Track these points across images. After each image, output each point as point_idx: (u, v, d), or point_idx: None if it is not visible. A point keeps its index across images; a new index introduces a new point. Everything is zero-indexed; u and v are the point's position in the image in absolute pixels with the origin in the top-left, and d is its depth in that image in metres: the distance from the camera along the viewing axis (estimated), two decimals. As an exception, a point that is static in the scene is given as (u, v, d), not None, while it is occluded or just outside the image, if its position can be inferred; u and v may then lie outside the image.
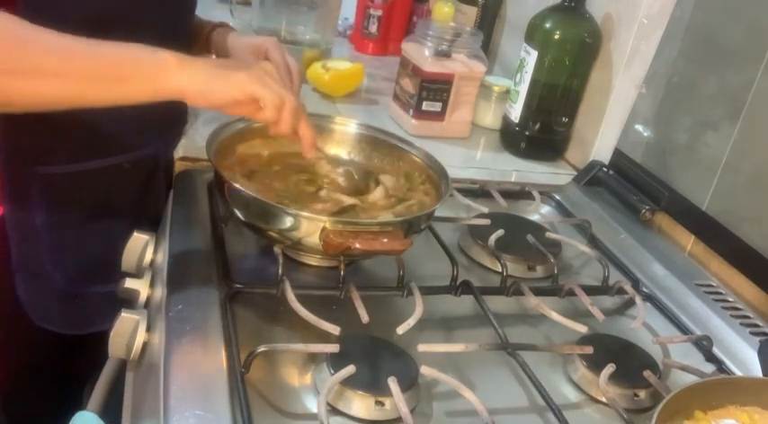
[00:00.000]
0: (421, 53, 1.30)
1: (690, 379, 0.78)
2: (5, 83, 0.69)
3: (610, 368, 0.76)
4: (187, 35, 1.07)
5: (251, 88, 0.74)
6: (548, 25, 1.24)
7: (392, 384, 0.68)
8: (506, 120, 1.35)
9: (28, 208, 0.94)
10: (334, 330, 0.73)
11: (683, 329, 0.90)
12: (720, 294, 0.98)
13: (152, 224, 1.00)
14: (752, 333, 0.90)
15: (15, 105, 0.72)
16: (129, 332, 0.81)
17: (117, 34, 0.73)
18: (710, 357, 0.85)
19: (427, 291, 0.85)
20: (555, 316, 0.84)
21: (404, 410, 0.65)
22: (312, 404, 0.69)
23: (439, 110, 1.31)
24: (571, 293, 0.90)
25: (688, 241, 1.09)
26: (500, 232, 0.99)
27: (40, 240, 0.96)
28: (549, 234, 1.03)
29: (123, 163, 0.99)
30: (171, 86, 0.72)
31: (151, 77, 0.72)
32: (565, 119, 1.30)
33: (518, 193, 1.17)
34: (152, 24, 0.89)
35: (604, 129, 1.26)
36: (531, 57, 1.25)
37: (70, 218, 0.97)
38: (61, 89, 0.71)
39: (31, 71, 0.70)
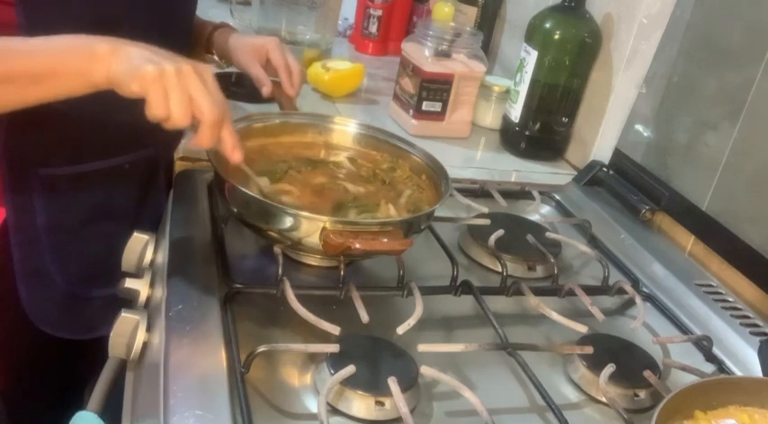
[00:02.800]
0: (421, 53, 1.30)
1: (690, 379, 0.78)
2: None
3: (610, 368, 0.76)
4: (187, 35, 1.07)
5: (148, 91, 0.70)
6: (548, 25, 1.24)
7: (392, 384, 0.68)
8: (506, 120, 1.35)
9: (29, 211, 0.94)
10: (334, 330, 0.73)
11: (683, 329, 0.90)
12: (720, 294, 0.98)
13: (152, 224, 1.00)
14: (752, 333, 0.90)
15: None
16: (129, 332, 0.81)
17: (116, 35, 0.73)
18: (710, 357, 0.85)
19: (427, 291, 0.85)
20: (555, 316, 0.84)
21: (404, 410, 0.65)
22: (312, 404, 0.69)
23: (439, 110, 1.31)
24: (571, 293, 0.90)
25: (688, 241, 1.09)
26: (500, 232, 0.99)
27: (42, 242, 0.96)
28: (549, 234, 1.03)
29: (124, 165, 0.99)
30: (99, 77, 0.71)
31: (80, 72, 0.71)
32: (565, 119, 1.30)
33: (518, 193, 1.17)
34: (152, 25, 0.89)
35: (604, 129, 1.26)
36: (531, 57, 1.25)
37: (72, 220, 0.97)
38: (5, 93, 0.72)
39: None
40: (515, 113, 1.31)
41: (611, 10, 1.24)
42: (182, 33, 1.04)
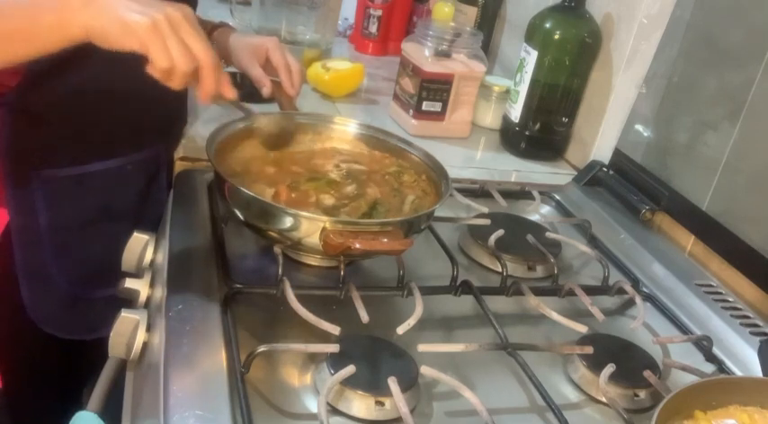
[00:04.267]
0: (421, 53, 1.30)
1: (690, 379, 0.78)
2: None
3: (610, 368, 0.76)
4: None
5: (145, 43, 0.69)
6: (548, 25, 1.24)
7: (392, 384, 0.68)
8: (506, 120, 1.35)
9: (32, 212, 0.94)
10: (334, 330, 0.73)
11: (683, 329, 0.90)
12: (720, 294, 0.98)
13: (152, 224, 1.00)
14: (752, 333, 0.90)
15: None
16: (129, 332, 0.81)
17: None
18: (710, 357, 0.85)
19: (427, 291, 0.85)
20: (555, 316, 0.84)
21: (404, 410, 0.65)
22: (312, 404, 0.69)
23: (439, 110, 1.31)
24: (571, 293, 0.90)
25: (688, 241, 1.09)
26: (500, 232, 0.99)
27: (44, 243, 0.96)
28: (549, 234, 1.03)
29: (126, 165, 0.99)
30: (75, 30, 0.69)
31: (57, 25, 0.69)
32: (565, 119, 1.30)
33: (518, 193, 1.17)
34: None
35: (604, 129, 1.26)
36: (531, 57, 1.25)
37: (74, 221, 0.97)
38: None
39: None
40: (515, 113, 1.31)
41: (611, 10, 1.24)
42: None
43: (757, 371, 0.83)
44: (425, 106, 1.30)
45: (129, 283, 0.91)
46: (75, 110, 0.91)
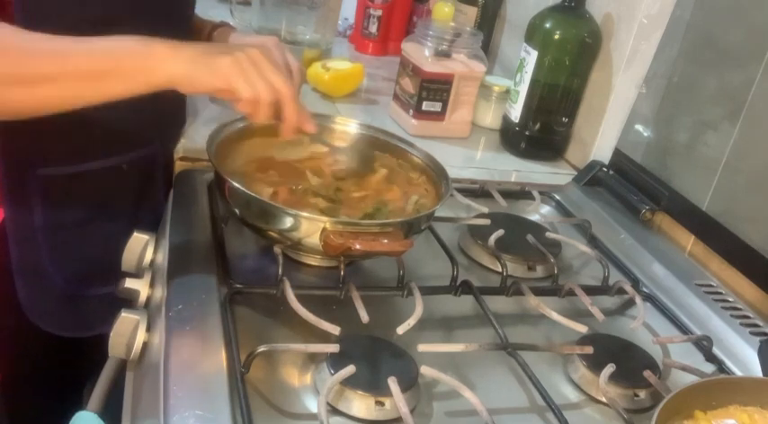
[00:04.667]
0: (421, 53, 1.30)
1: (690, 379, 0.78)
2: (11, 94, 0.71)
3: (610, 368, 0.76)
4: (186, 34, 1.07)
5: (229, 79, 0.74)
6: (548, 25, 1.24)
7: (392, 384, 0.68)
8: (506, 120, 1.35)
9: (27, 210, 0.94)
10: (334, 330, 0.73)
11: (683, 329, 0.90)
12: (720, 294, 0.98)
13: (152, 224, 1.00)
14: (752, 333, 0.90)
15: (23, 113, 0.75)
16: (129, 332, 0.81)
17: (113, 33, 0.73)
18: (710, 357, 0.85)
19: (427, 291, 0.85)
20: (555, 316, 0.84)
21: (404, 410, 0.65)
22: (312, 404, 0.69)
23: (439, 110, 1.31)
24: (571, 293, 0.90)
25: (688, 241, 1.09)
26: (500, 232, 0.99)
27: (40, 241, 0.96)
28: (549, 234, 1.03)
29: (122, 164, 0.99)
30: (160, 77, 0.73)
31: (141, 70, 0.73)
32: (565, 119, 1.30)
33: (518, 193, 1.17)
34: (151, 25, 0.89)
35: (604, 129, 1.26)
36: (531, 57, 1.25)
37: (70, 219, 0.97)
38: (60, 92, 0.73)
39: (32, 79, 0.71)
40: (515, 113, 1.31)
41: (611, 10, 1.24)
42: (181, 33, 1.04)
43: (757, 371, 0.83)
44: (425, 106, 1.30)
45: (129, 283, 0.91)
46: (71, 109, 0.91)
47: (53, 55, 0.72)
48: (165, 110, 1.06)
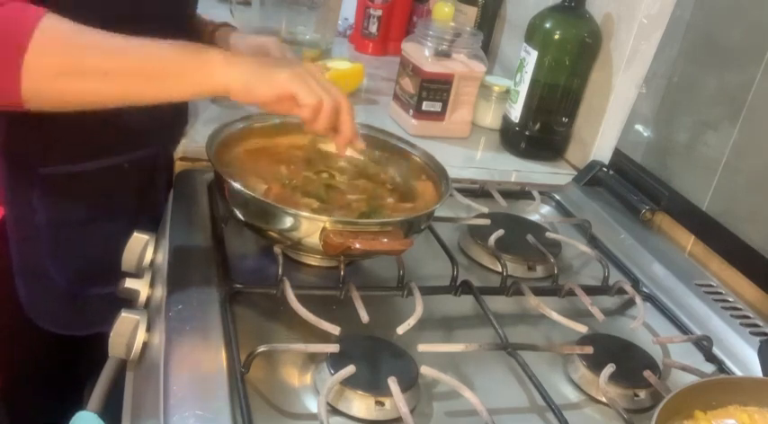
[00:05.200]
0: (421, 53, 1.30)
1: (690, 379, 0.78)
2: (65, 84, 0.72)
3: (610, 368, 0.76)
4: (188, 35, 1.07)
5: (291, 87, 0.77)
6: (548, 25, 1.24)
7: (392, 384, 0.68)
8: (506, 120, 1.35)
9: (28, 209, 0.94)
10: (334, 330, 0.73)
11: (683, 329, 0.90)
12: (720, 294, 0.98)
13: (152, 224, 1.00)
14: (752, 333, 0.90)
15: (70, 105, 0.75)
16: (129, 332, 0.81)
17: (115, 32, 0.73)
18: (710, 357, 0.85)
19: (427, 291, 0.85)
20: (555, 316, 0.84)
21: (404, 410, 0.65)
22: (312, 404, 0.69)
23: (439, 110, 1.31)
24: (571, 293, 0.90)
25: (688, 241, 1.09)
26: (500, 232, 0.99)
27: (41, 241, 0.96)
28: (549, 234, 1.03)
29: (123, 164, 0.99)
30: (216, 83, 0.75)
31: (198, 75, 0.75)
32: (565, 119, 1.30)
33: (518, 193, 1.17)
34: (152, 24, 0.89)
35: (604, 129, 1.26)
36: (531, 57, 1.25)
37: (71, 219, 0.97)
38: (115, 88, 0.74)
39: (90, 72, 0.72)
40: (515, 113, 1.31)
41: (611, 10, 1.24)
42: (182, 33, 1.04)
43: (757, 371, 0.83)
44: (425, 106, 1.30)
45: (129, 283, 0.91)
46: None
47: (113, 51, 0.73)
48: (168, 111, 1.06)
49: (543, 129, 1.30)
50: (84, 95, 0.74)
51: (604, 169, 1.24)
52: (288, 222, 0.81)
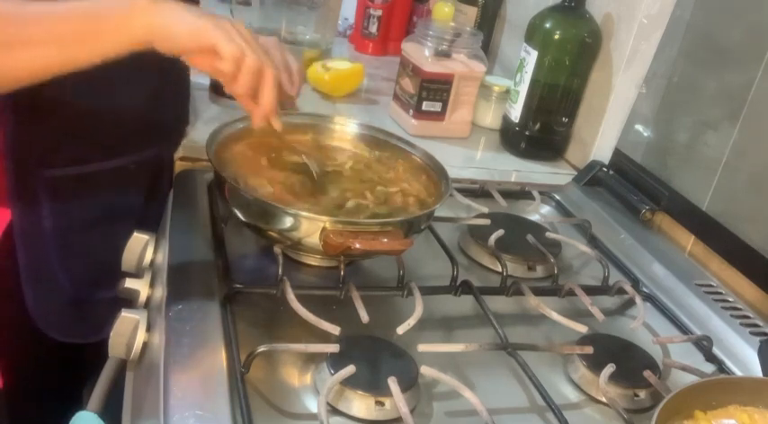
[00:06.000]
0: (421, 53, 1.30)
1: (690, 379, 0.78)
2: None
3: (610, 368, 0.76)
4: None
5: (212, 36, 0.73)
6: (548, 25, 1.24)
7: (392, 384, 0.68)
8: (506, 120, 1.35)
9: (35, 212, 0.94)
10: (334, 330, 0.73)
11: (683, 329, 0.90)
12: (720, 294, 0.98)
13: (155, 224, 1.00)
14: (752, 333, 0.90)
15: (4, 81, 0.73)
16: (129, 332, 0.81)
17: None
18: (710, 357, 0.85)
19: (427, 291, 0.85)
20: (555, 316, 0.84)
21: (404, 410, 0.65)
22: (312, 404, 0.69)
23: (439, 110, 1.31)
24: (571, 293, 0.90)
25: (688, 241, 1.09)
26: (500, 232, 0.99)
27: (48, 243, 0.96)
28: (549, 234, 1.03)
29: (129, 165, 0.99)
30: (139, 30, 0.72)
31: (121, 28, 0.72)
32: (565, 119, 1.30)
33: (518, 193, 1.17)
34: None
35: (604, 129, 1.26)
36: (531, 57, 1.25)
37: (78, 221, 0.97)
38: (48, 56, 0.72)
39: (21, 43, 0.71)
40: (515, 113, 1.31)
41: (611, 10, 1.24)
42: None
43: (757, 371, 0.83)
44: (425, 106, 1.30)
45: (129, 283, 0.91)
46: (78, 111, 0.91)
47: (40, 20, 0.71)
48: (172, 111, 1.06)
49: (543, 129, 1.30)
50: (19, 68, 0.72)
51: (604, 169, 1.24)
52: (288, 222, 0.81)
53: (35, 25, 0.71)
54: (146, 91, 0.82)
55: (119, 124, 0.95)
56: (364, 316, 0.76)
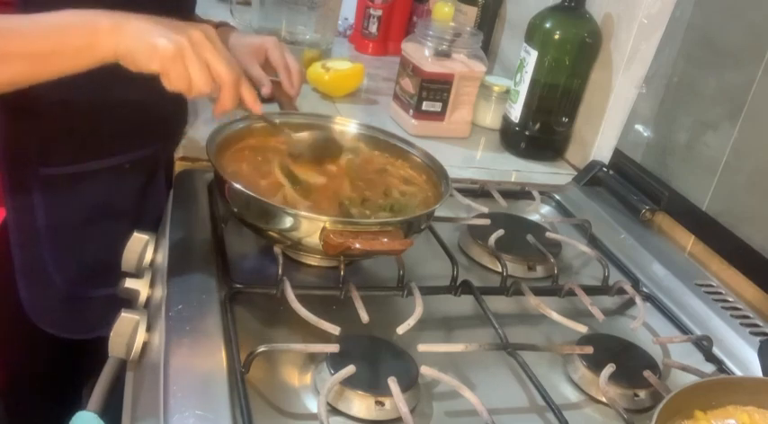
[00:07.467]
0: (421, 53, 1.30)
1: (690, 379, 0.78)
2: None
3: (610, 368, 0.76)
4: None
5: (166, 66, 0.73)
6: (548, 25, 1.24)
7: (392, 384, 0.68)
8: (506, 120, 1.35)
9: (30, 210, 0.94)
10: (334, 330, 0.73)
11: (683, 329, 0.90)
12: (720, 294, 0.98)
13: (153, 224, 1.00)
14: (752, 333, 0.90)
15: None
16: (129, 332, 0.81)
17: None
18: (710, 357, 0.85)
19: (427, 291, 0.85)
20: (555, 316, 0.84)
21: (404, 410, 0.65)
22: (312, 404, 0.69)
23: (439, 110, 1.31)
24: (571, 293, 0.90)
25: (688, 241, 1.09)
26: (500, 232, 0.99)
27: (42, 242, 0.96)
28: (549, 234, 1.03)
29: (124, 164, 0.99)
30: (106, 53, 0.73)
31: (85, 47, 0.73)
32: (565, 119, 1.30)
33: (518, 193, 1.17)
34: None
35: (604, 129, 1.26)
36: (531, 57, 1.25)
37: (72, 219, 0.97)
38: (19, 71, 0.73)
39: None
40: (515, 113, 1.31)
41: (611, 10, 1.24)
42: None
43: (757, 371, 0.83)
44: (425, 106, 1.30)
45: (129, 283, 0.91)
46: (73, 109, 0.91)
47: (7, 36, 0.72)
48: (168, 111, 1.06)
49: (543, 129, 1.30)
50: None
51: (604, 169, 1.24)
52: (288, 222, 0.81)
53: (6, 41, 0.72)
54: (140, 90, 0.82)
55: (114, 123, 0.95)
56: (364, 316, 0.76)
